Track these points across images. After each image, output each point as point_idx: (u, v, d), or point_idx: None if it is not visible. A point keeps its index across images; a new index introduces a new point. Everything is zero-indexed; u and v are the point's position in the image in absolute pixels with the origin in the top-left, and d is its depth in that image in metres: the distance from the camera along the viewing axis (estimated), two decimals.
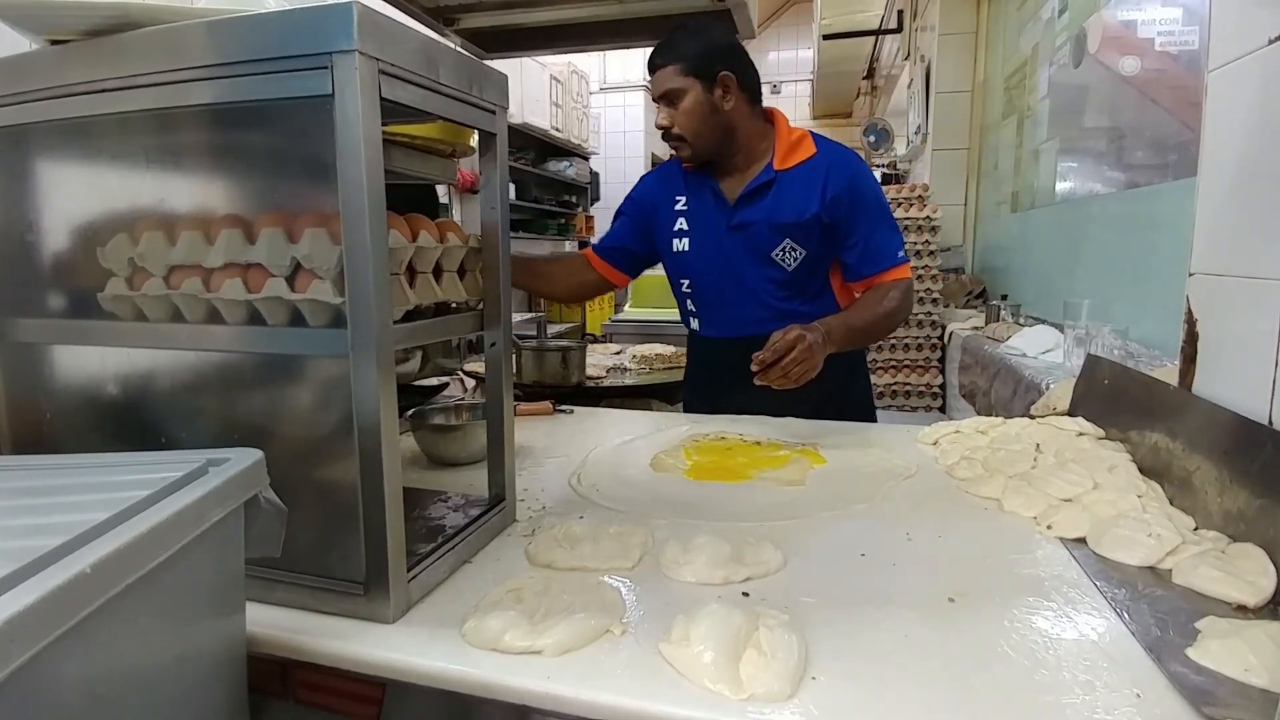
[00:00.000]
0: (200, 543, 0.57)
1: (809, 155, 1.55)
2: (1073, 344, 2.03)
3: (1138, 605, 0.76)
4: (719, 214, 1.58)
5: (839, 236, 1.54)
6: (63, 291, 0.88)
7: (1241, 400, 0.93)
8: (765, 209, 1.54)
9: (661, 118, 1.53)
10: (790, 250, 1.54)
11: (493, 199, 0.93)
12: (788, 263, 1.55)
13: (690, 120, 1.50)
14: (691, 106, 1.49)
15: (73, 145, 0.85)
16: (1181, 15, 2.08)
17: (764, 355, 1.28)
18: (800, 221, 1.52)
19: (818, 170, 1.53)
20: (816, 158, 1.55)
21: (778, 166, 1.54)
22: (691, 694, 0.62)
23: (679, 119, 1.50)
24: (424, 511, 0.99)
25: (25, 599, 0.41)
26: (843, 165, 1.53)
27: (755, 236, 1.55)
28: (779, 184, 1.54)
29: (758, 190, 1.55)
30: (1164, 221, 2.02)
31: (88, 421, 0.88)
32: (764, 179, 1.54)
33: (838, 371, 1.40)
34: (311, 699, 0.75)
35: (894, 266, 1.54)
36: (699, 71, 1.47)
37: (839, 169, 1.53)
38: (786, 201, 1.53)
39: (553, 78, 6.29)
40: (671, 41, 1.50)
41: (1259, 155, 0.94)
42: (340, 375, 0.72)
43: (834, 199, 1.50)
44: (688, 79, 1.47)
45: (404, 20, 1.49)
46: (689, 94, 1.48)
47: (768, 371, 1.28)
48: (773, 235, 1.54)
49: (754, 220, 1.55)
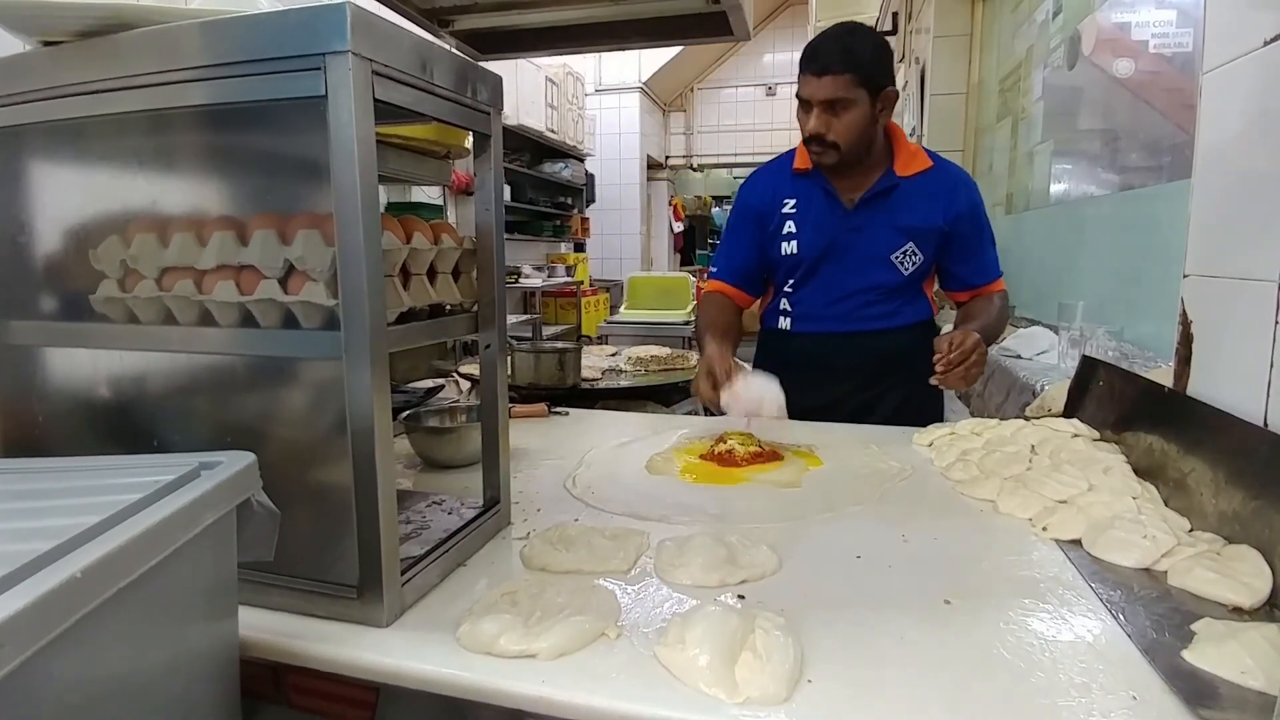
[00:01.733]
0: (193, 546, 0.57)
1: (927, 166, 1.59)
2: (1068, 345, 2.03)
3: (1133, 607, 0.76)
4: (834, 216, 1.59)
5: (955, 249, 1.61)
6: (55, 294, 0.87)
7: (1236, 401, 0.93)
8: (888, 212, 1.57)
9: (817, 124, 1.48)
10: (911, 255, 1.58)
11: (487, 200, 0.93)
12: (905, 266, 1.58)
13: (850, 131, 1.48)
14: (856, 119, 1.48)
15: (65, 147, 0.84)
16: (1176, 17, 2.09)
17: (951, 356, 1.34)
18: (925, 228, 1.56)
19: (940, 183, 1.58)
20: (934, 171, 1.59)
21: (900, 173, 1.57)
22: (687, 697, 0.62)
23: (838, 128, 1.48)
24: (418, 514, 0.99)
25: (17, 603, 0.41)
26: (966, 184, 1.61)
27: (876, 239, 1.58)
28: (900, 190, 1.57)
29: (880, 194, 1.57)
30: (1159, 223, 2.02)
31: (80, 424, 0.87)
32: (886, 184, 1.57)
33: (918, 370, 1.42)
34: (305, 703, 0.75)
35: (998, 279, 1.66)
36: (870, 84, 1.46)
37: (964, 187, 1.59)
38: (910, 207, 1.56)
39: (548, 79, 6.29)
40: (846, 47, 1.45)
41: (1253, 157, 0.94)
42: (334, 378, 0.72)
43: (958, 216, 1.57)
44: (859, 90, 1.45)
45: (398, 21, 1.49)
46: (857, 106, 1.46)
47: (951, 373, 1.34)
48: (896, 238, 1.57)
49: (876, 223, 1.57)
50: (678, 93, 9.33)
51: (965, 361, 1.34)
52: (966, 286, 1.66)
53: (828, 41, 1.47)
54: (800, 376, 1.63)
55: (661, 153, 9.28)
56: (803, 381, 1.63)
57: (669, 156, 9.46)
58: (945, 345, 1.36)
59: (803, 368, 1.66)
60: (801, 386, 1.63)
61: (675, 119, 9.48)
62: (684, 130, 9.46)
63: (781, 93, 8.96)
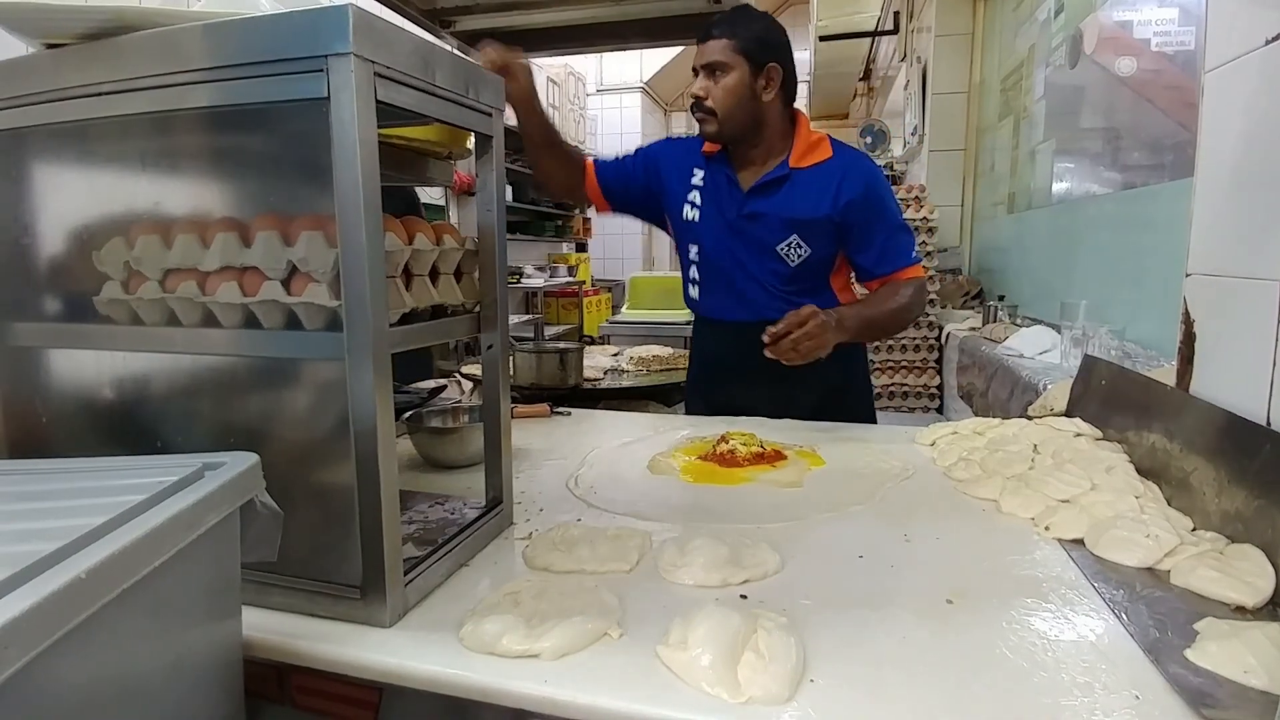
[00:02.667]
0: (196, 547, 0.57)
1: (825, 158, 1.59)
2: (1070, 344, 2.03)
3: (1136, 606, 0.76)
4: (731, 200, 1.61)
5: (852, 239, 1.58)
6: (58, 295, 0.88)
7: (1239, 400, 0.93)
8: (777, 203, 1.57)
9: (698, 87, 1.54)
10: (796, 247, 1.57)
11: (489, 201, 0.93)
12: (791, 259, 1.58)
13: (727, 98, 1.52)
14: (733, 85, 1.51)
15: (68, 149, 0.84)
16: (1178, 15, 2.09)
17: (777, 328, 1.34)
18: (812, 219, 1.56)
19: (833, 173, 1.57)
20: (832, 160, 1.59)
21: (793, 164, 1.58)
22: (689, 697, 0.62)
23: (716, 93, 1.52)
24: (421, 514, 0.99)
25: (21, 604, 0.41)
26: (858, 170, 1.58)
27: (764, 228, 1.58)
28: (792, 181, 1.57)
29: (772, 184, 1.58)
30: (1161, 222, 2.02)
31: (83, 425, 0.88)
32: (779, 174, 1.58)
33: (840, 367, 1.43)
34: (308, 703, 0.75)
35: (908, 265, 1.60)
36: (750, 54, 1.50)
37: (855, 174, 1.57)
38: (799, 198, 1.56)
39: (550, 80, 6.30)
40: (732, 19, 1.52)
41: (1256, 155, 0.94)
42: (336, 378, 0.72)
43: (849, 203, 1.54)
44: (737, 56, 1.50)
45: (400, 23, 1.49)
46: (734, 72, 1.50)
47: (779, 344, 1.33)
48: (782, 229, 1.57)
49: (765, 212, 1.58)
50: (679, 92, 9.32)
51: (794, 334, 1.34)
52: (872, 275, 1.62)
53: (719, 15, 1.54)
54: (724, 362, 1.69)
55: None
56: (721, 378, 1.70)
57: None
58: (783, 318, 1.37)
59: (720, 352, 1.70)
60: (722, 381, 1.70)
61: (677, 119, 9.48)
62: (685, 131, 9.45)
63: None
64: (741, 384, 1.66)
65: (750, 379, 1.62)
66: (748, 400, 1.62)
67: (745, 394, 1.64)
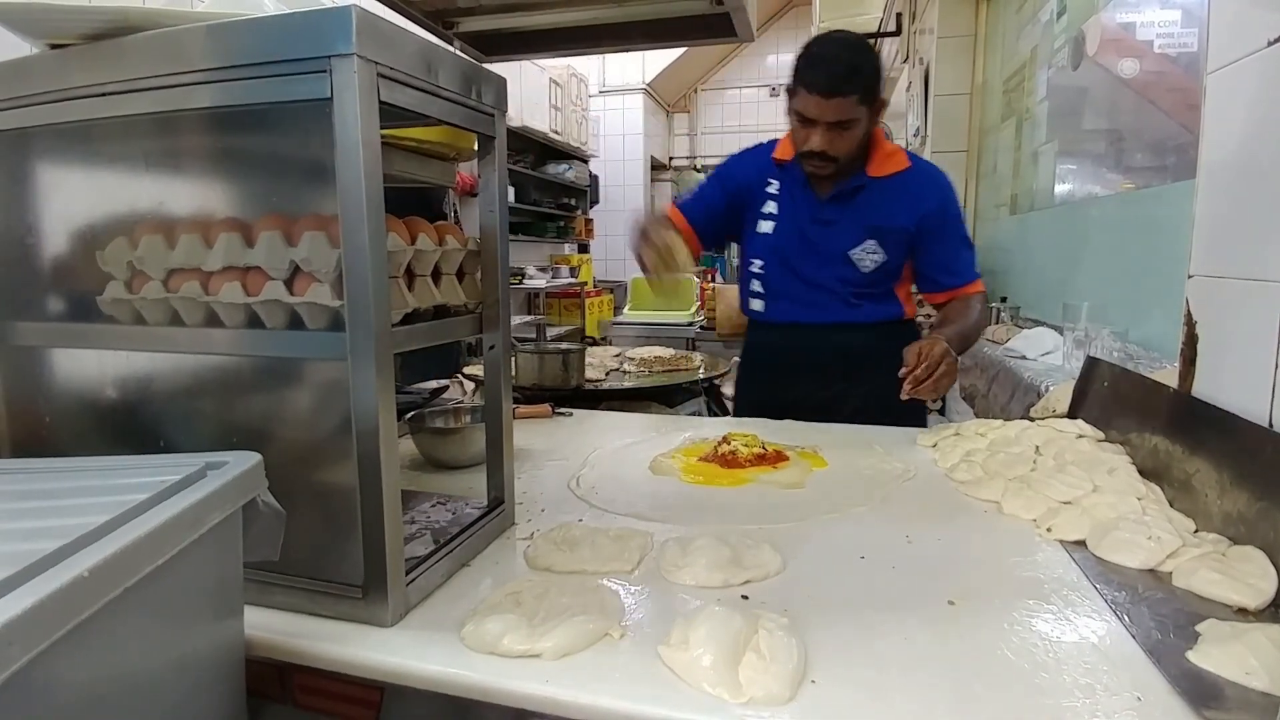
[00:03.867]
0: (199, 546, 0.57)
1: (903, 168, 1.61)
2: (1072, 346, 2.03)
3: (1138, 608, 0.76)
4: (808, 205, 1.62)
5: (923, 250, 1.62)
6: (62, 295, 0.88)
7: (1241, 402, 0.93)
8: (855, 209, 1.59)
9: (819, 143, 1.49)
10: (871, 253, 1.60)
11: (491, 202, 0.93)
12: (865, 264, 1.60)
13: (850, 146, 1.52)
14: (857, 135, 1.51)
15: (72, 149, 0.85)
16: (1180, 17, 2.08)
17: (918, 371, 1.34)
18: (889, 227, 1.58)
19: (911, 183, 1.59)
20: (910, 171, 1.61)
21: (872, 174, 1.59)
22: (690, 697, 0.62)
23: (840, 145, 1.50)
24: (423, 514, 0.99)
25: (24, 602, 0.41)
26: (937, 183, 1.62)
27: (840, 233, 1.60)
28: (869, 189, 1.59)
29: (850, 191, 1.59)
30: (1163, 224, 2.02)
31: (87, 424, 0.88)
32: (857, 182, 1.59)
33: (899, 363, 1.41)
34: (310, 703, 0.75)
35: (974, 280, 1.65)
36: (870, 100, 1.49)
37: (933, 186, 1.60)
38: (876, 206, 1.58)
39: (552, 81, 6.30)
40: (857, 69, 1.45)
41: (1258, 157, 0.94)
42: (339, 378, 0.72)
43: (925, 214, 1.57)
44: (861, 108, 1.47)
45: (403, 24, 1.49)
46: (859, 123, 1.49)
47: (919, 387, 1.34)
48: (857, 234, 1.59)
49: (842, 218, 1.60)
50: (681, 94, 9.33)
51: (933, 374, 1.35)
52: (940, 288, 1.66)
53: (833, 63, 1.45)
54: (771, 370, 1.72)
55: (665, 154, 9.28)
56: (774, 376, 1.72)
57: (673, 158, 9.45)
58: (913, 357, 1.36)
59: (773, 361, 1.72)
60: (772, 381, 1.72)
61: (679, 120, 9.47)
62: (688, 131, 9.45)
63: None
64: (793, 381, 1.68)
65: (801, 377, 1.66)
66: (810, 397, 1.64)
67: (795, 395, 1.66)
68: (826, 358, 1.66)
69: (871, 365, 1.55)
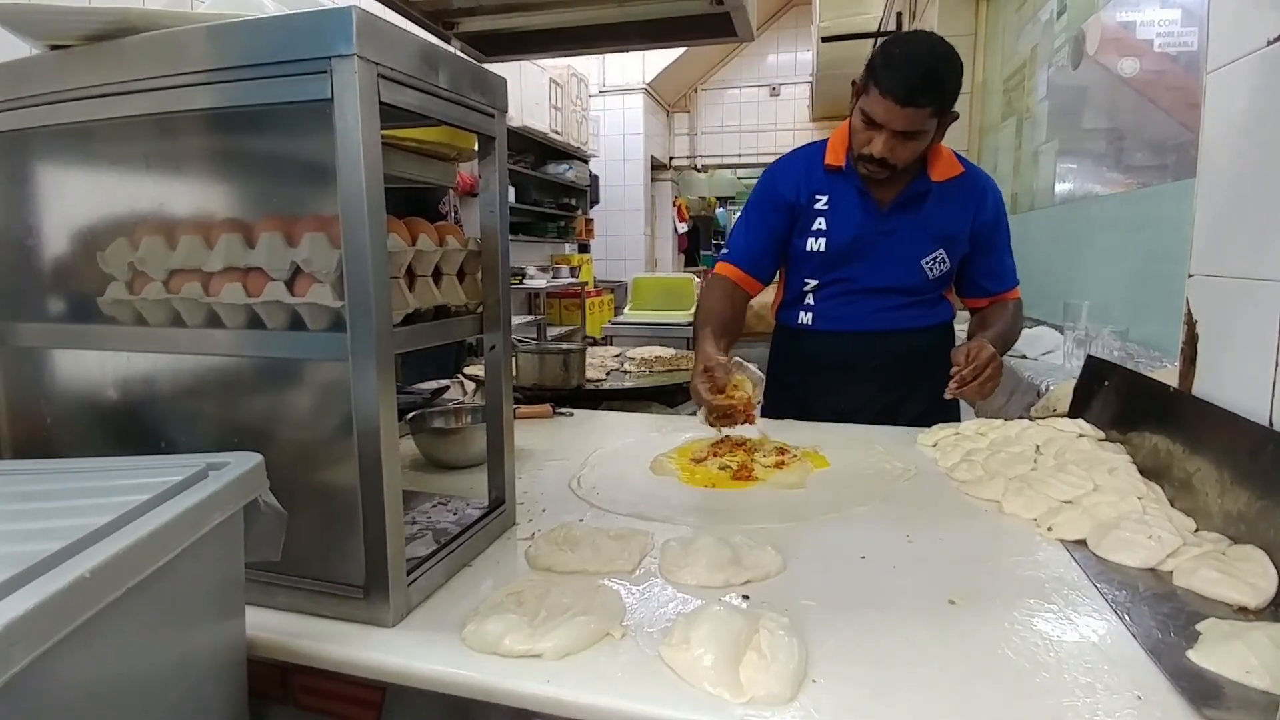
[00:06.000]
0: (200, 547, 0.57)
1: (958, 172, 1.57)
2: (1073, 345, 2.03)
3: (1138, 607, 0.76)
4: (867, 216, 1.56)
5: (977, 256, 1.61)
6: (63, 296, 0.88)
7: (1242, 401, 0.93)
8: (923, 217, 1.55)
9: (881, 148, 1.43)
10: (941, 261, 1.57)
11: (492, 202, 0.93)
12: (933, 271, 1.58)
13: (913, 155, 1.47)
14: (921, 145, 1.46)
15: (73, 150, 0.85)
16: (1180, 16, 2.08)
17: (965, 372, 1.34)
18: (956, 235, 1.56)
19: (970, 190, 1.57)
20: (966, 176, 1.58)
21: (934, 179, 1.55)
22: (691, 697, 0.62)
23: (902, 153, 1.44)
24: (424, 515, 0.99)
25: (25, 603, 0.41)
26: (992, 189, 1.60)
27: (908, 242, 1.56)
28: (932, 195, 1.55)
29: (914, 198, 1.55)
30: (1164, 223, 2.02)
31: (88, 426, 0.88)
32: (920, 188, 1.54)
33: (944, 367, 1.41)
34: (311, 703, 0.75)
35: (1015, 285, 1.67)
36: (944, 113, 1.43)
37: (990, 192, 1.59)
38: (942, 212, 1.55)
39: (552, 81, 6.30)
40: (941, 82, 1.38)
41: (1258, 156, 0.94)
42: (340, 379, 0.72)
43: (984, 223, 1.57)
44: (932, 120, 1.41)
45: (403, 24, 1.49)
46: (927, 135, 1.44)
47: (965, 388, 1.35)
48: (929, 243, 1.56)
49: (909, 226, 1.55)
50: (681, 94, 9.33)
51: (981, 375, 1.35)
52: (985, 293, 1.65)
53: (914, 69, 1.36)
54: (822, 377, 1.66)
55: (665, 154, 9.28)
56: (825, 382, 1.66)
57: (673, 157, 9.46)
58: (961, 358, 1.36)
59: (824, 368, 1.66)
60: (824, 388, 1.66)
61: (679, 120, 9.47)
62: (688, 131, 9.45)
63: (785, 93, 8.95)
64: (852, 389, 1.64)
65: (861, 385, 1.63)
66: (856, 407, 1.61)
67: (854, 400, 1.62)
68: (886, 363, 1.62)
69: (927, 369, 1.56)
